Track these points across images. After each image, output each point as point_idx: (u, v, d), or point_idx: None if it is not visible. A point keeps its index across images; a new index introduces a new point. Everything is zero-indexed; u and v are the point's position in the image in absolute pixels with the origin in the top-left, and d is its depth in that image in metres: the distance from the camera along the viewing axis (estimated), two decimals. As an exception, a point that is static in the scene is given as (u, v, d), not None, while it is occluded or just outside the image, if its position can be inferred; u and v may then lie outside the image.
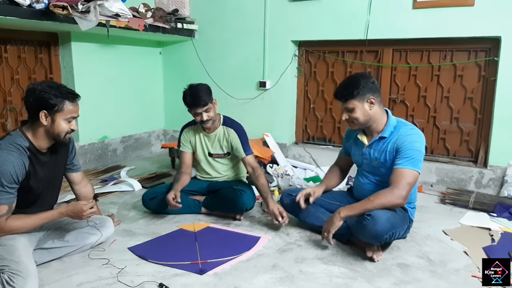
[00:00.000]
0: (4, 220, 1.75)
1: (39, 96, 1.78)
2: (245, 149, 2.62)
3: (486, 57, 3.23)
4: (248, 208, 2.61)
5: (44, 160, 1.91)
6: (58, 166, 2.04)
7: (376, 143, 2.20)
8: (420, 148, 2.08)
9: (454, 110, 3.44)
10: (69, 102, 1.84)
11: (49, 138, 1.87)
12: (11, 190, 1.76)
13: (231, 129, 2.65)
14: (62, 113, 1.82)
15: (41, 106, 1.79)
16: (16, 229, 1.81)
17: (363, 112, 2.12)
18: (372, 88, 2.12)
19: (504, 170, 3.14)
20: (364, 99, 2.11)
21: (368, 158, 2.24)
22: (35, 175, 1.85)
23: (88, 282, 1.87)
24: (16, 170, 1.74)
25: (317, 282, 1.89)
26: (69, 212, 1.93)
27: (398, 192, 2.01)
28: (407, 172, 2.04)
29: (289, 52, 3.90)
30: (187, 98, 2.54)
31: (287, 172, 3.50)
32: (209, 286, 1.85)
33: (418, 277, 1.95)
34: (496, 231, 2.44)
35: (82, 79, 3.69)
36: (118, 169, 3.83)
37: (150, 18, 3.71)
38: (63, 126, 1.84)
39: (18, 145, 1.78)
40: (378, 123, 2.17)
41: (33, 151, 1.84)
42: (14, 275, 1.66)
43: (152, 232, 2.43)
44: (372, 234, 1.99)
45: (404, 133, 2.12)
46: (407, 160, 2.05)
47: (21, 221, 1.81)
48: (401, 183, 2.02)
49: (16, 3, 2.63)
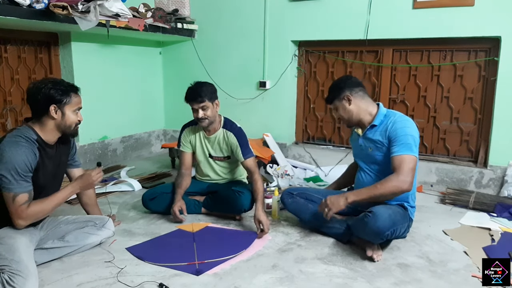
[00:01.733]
0: (26, 207, 1.79)
1: (47, 93, 1.86)
2: (244, 153, 2.57)
3: (486, 57, 3.23)
4: (246, 209, 2.61)
5: (51, 153, 1.95)
6: (62, 161, 2.09)
7: (368, 131, 2.27)
8: (412, 133, 2.13)
9: (454, 110, 3.44)
10: (74, 94, 1.95)
11: (59, 131, 1.95)
12: (27, 179, 1.80)
13: (231, 133, 2.61)
14: (70, 105, 1.93)
15: (51, 101, 1.87)
16: (40, 212, 1.86)
17: (344, 110, 2.29)
18: (347, 86, 2.26)
19: (504, 170, 3.14)
20: (341, 98, 2.27)
21: (363, 147, 2.30)
22: (43, 167, 1.89)
23: (88, 282, 1.87)
24: (29, 159, 1.79)
25: (317, 282, 1.89)
26: (81, 184, 2.01)
27: (403, 178, 2.05)
28: (406, 157, 2.08)
29: (289, 52, 3.90)
30: (187, 92, 2.55)
31: (287, 172, 3.50)
32: (209, 286, 1.85)
33: (418, 277, 1.95)
34: (496, 231, 2.44)
35: (82, 79, 3.68)
36: (118, 169, 3.83)
37: (150, 18, 3.71)
38: (73, 118, 1.95)
39: (27, 137, 1.83)
40: (365, 115, 2.27)
41: (41, 143, 1.89)
42: (14, 275, 1.66)
43: (152, 232, 2.43)
44: (374, 231, 2.00)
45: (394, 120, 2.18)
46: (402, 146, 2.10)
47: (40, 205, 1.85)
48: (404, 169, 2.06)
49: (16, 3, 2.63)
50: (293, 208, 2.47)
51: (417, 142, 2.14)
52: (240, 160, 2.60)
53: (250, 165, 2.57)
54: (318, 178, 3.48)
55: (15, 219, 1.79)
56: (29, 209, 1.80)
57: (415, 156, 2.11)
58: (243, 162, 2.59)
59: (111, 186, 3.27)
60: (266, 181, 3.41)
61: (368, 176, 2.30)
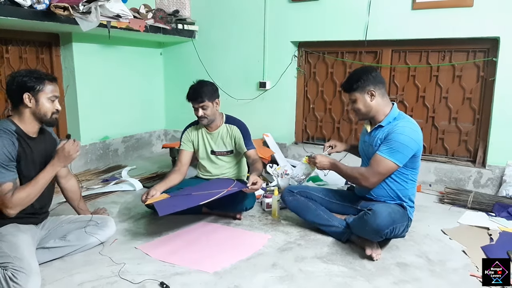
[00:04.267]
0: (10, 196, 1.80)
1: (20, 81, 1.88)
2: (247, 144, 2.69)
3: (485, 58, 3.25)
4: (248, 208, 2.63)
5: (33, 145, 1.94)
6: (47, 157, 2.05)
7: (375, 130, 2.27)
8: (405, 142, 2.10)
9: (452, 110, 3.45)
10: (49, 81, 1.93)
11: (36, 120, 1.93)
12: (10, 168, 1.81)
13: (234, 126, 2.71)
14: (44, 92, 1.91)
15: (24, 89, 1.88)
16: (26, 197, 1.84)
17: (364, 104, 2.23)
18: (373, 80, 2.20)
19: (503, 170, 3.16)
20: (365, 91, 2.21)
21: (367, 144, 2.32)
22: (25, 158, 1.88)
23: (89, 281, 1.88)
24: (7, 148, 1.79)
25: (317, 281, 1.91)
26: (60, 160, 1.95)
27: (368, 176, 2.16)
28: (384, 161, 2.11)
29: (289, 52, 3.91)
30: (189, 91, 2.63)
31: (286, 172, 3.51)
32: (209, 285, 1.87)
33: (417, 276, 1.97)
34: (494, 230, 2.45)
35: (83, 79, 3.70)
36: (119, 169, 3.84)
37: (150, 19, 3.73)
38: (47, 106, 1.92)
39: (5, 128, 1.84)
40: (380, 114, 2.24)
41: (21, 134, 1.89)
42: (17, 272, 1.67)
43: (153, 232, 2.45)
44: (374, 229, 2.02)
45: (398, 124, 2.17)
46: (389, 149, 2.12)
47: (24, 191, 1.84)
48: (375, 170, 2.14)
49: (17, 4, 2.65)
50: (293, 206, 2.48)
51: (407, 152, 2.11)
52: (243, 150, 2.68)
53: (252, 154, 2.68)
54: (317, 178, 3.50)
55: (3, 208, 1.80)
56: (14, 197, 1.80)
57: (395, 163, 2.11)
58: (245, 152, 2.68)
59: (112, 186, 3.29)
60: (266, 181, 3.43)
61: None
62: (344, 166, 2.30)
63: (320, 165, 2.37)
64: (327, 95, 3.95)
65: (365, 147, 2.37)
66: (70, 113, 3.77)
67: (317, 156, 2.40)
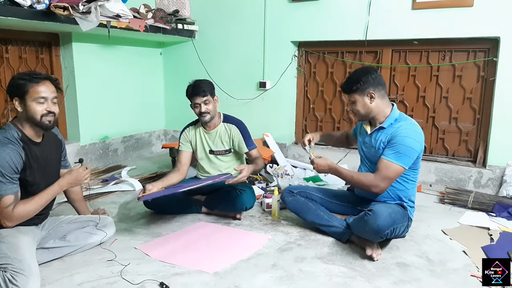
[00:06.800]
0: (12, 209, 1.79)
1: (10, 85, 1.86)
2: (248, 143, 2.69)
3: (485, 58, 3.24)
4: (247, 207, 2.63)
5: (38, 151, 1.93)
6: (54, 159, 2.06)
7: (375, 132, 2.25)
8: (411, 144, 2.10)
9: (453, 110, 3.45)
10: (34, 83, 1.84)
11: (32, 125, 1.89)
12: (14, 180, 1.80)
13: (232, 125, 2.71)
14: (29, 95, 1.84)
15: (13, 94, 1.86)
16: (26, 213, 1.84)
17: (363, 105, 2.21)
18: (373, 82, 2.17)
19: (503, 170, 3.16)
20: (364, 93, 2.19)
21: (368, 145, 2.31)
22: (30, 166, 1.87)
23: (89, 281, 1.88)
24: (13, 160, 1.78)
25: (317, 281, 1.91)
26: (69, 181, 1.97)
27: (377, 182, 2.12)
28: (391, 165, 2.10)
29: (289, 52, 3.91)
30: (189, 89, 2.63)
31: (287, 172, 3.51)
32: (209, 285, 1.86)
33: (417, 276, 1.96)
34: (495, 230, 2.45)
35: (83, 79, 3.70)
36: (119, 169, 3.84)
37: (150, 19, 3.73)
38: (35, 108, 1.84)
39: (12, 137, 1.83)
40: (380, 115, 2.23)
41: (26, 141, 1.87)
42: (17, 274, 1.67)
43: (153, 232, 2.44)
44: (374, 229, 2.02)
45: (400, 126, 2.15)
46: (394, 153, 2.10)
47: (27, 205, 1.83)
48: (383, 175, 2.11)
49: (17, 3, 2.65)
50: (293, 206, 2.47)
51: (413, 155, 2.12)
52: (244, 151, 2.68)
53: (254, 153, 2.70)
54: (317, 178, 3.49)
55: (1, 220, 1.79)
56: (15, 211, 1.79)
57: (402, 167, 2.11)
58: (247, 153, 2.68)
59: (112, 186, 3.29)
60: (266, 181, 3.43)
61: (368, 171, 2.31)
62: (346, 171, 2.28)
63: (318, 170, 2.33)
64: (327, 95, 3.94)
65: (365, 148, 2.35)
66: (70, 113, 3.77)
67: (315, 160, 2.33)
